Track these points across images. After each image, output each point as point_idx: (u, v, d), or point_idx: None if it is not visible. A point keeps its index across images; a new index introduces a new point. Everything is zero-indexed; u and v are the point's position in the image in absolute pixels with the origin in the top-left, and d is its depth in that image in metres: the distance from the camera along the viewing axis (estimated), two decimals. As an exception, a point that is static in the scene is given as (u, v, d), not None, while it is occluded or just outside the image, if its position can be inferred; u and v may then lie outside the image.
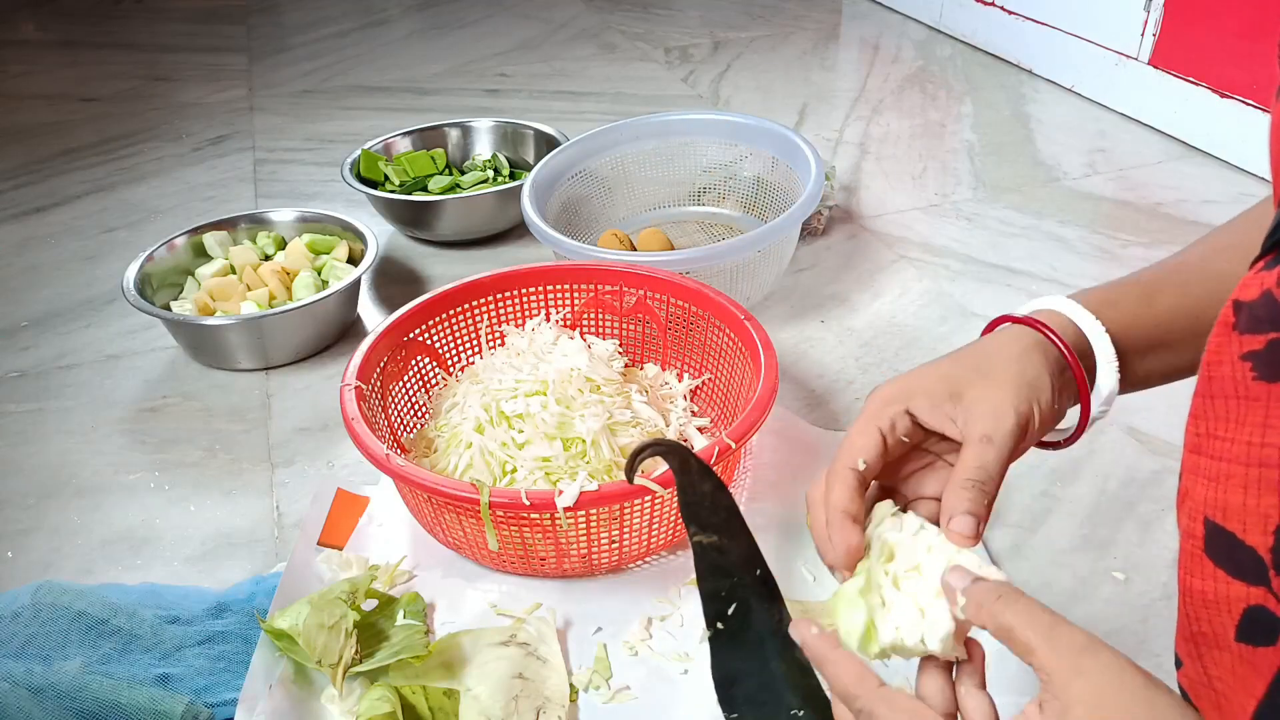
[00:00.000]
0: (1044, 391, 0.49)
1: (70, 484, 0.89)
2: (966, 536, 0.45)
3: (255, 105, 1.72)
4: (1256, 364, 0.34)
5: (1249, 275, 0.35)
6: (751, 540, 0.47)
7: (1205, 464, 0.37)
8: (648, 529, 0.73)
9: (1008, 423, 0.47)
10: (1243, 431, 0.35)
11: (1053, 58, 1.64)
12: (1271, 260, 0.34)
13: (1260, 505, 0.34)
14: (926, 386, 0.49)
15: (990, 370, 0.49)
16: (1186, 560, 0.38)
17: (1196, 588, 0.38)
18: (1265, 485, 0.34)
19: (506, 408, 0.79)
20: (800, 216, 1.00)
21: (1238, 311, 0.35)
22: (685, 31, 2.00)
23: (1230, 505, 0.36)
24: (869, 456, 0.48)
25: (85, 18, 2.23)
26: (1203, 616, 0.38)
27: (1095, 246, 1.19)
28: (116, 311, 1.14)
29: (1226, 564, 0.36)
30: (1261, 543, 0.34)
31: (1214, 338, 0.36)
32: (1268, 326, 0.34)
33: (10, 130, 1.65)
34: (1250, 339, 0.34)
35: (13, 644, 0.66)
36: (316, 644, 0.65)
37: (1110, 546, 0.78)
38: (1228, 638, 0.36)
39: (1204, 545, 0.37)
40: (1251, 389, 0.34)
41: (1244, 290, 0.35)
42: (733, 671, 0.47)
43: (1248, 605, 0.35)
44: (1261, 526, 0.34)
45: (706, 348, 0.89)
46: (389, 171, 1.29)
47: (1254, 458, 0.34)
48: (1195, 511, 0.38)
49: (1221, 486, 0.36)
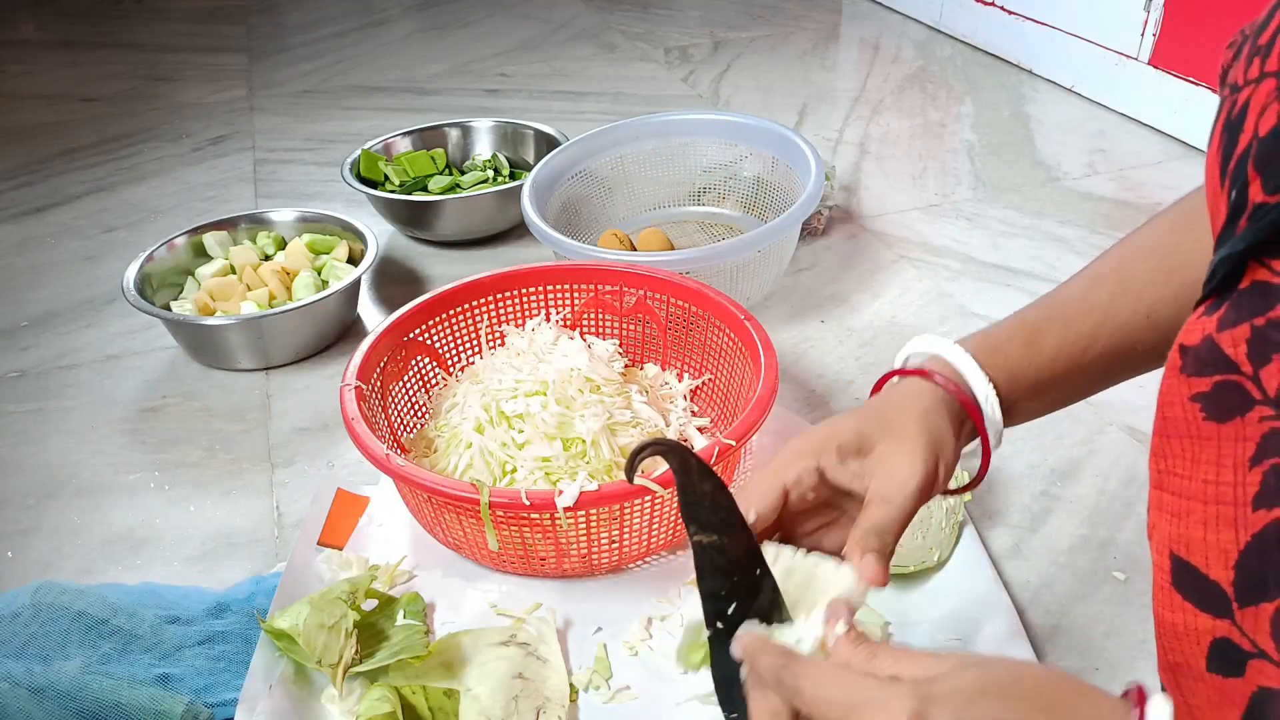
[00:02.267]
0: (948, 448, 0.51)
1: (70, 484, 0.89)
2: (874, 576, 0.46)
3: (255, 105, 1.72)
4: (1205, 405, 0.35)
5: (1191, 320, 0.36)
6: (752, 540, 0.47)
7: (1168, 500, 0.38)
8: (648, 529, 0.73)
9: (911, 484, 0.49)
10: (1199, 470, 0.36)
11: (1053, 58, 1.64)
12: (1210, 305, 0.35)
13: (1220, 540, 0.35)
14: (837, 441, 0.51)
15: (897, 427, 0.51)
16: (1158, 592, 0.39)
17: (1168, 619, 0.39)
18: (1223, 521, 0.35)
19: (506, 408, 0.79)
20: (800, 216, 1.00)
21: (1183, 355, 0.36)
22: (685, 31, 2.00)
23: (1193, 540, 0.36)
24: (762, 509, 0.49)
25: (85, 18, 2.23)
26: (1175, 648, 0.38)
27: (1095, 246, 1.19)
28: (116, 311, 1.14)
29: (1193, 597, 0.37)
30: (1224, 576, 0.35)
31: (1165, 379, 0.37)
32: (1212, 370, 0.35)
33: (10, 130, 1.65)
34: (1197, 381, 0.35)
35: (13, 644, 0.66)
36: (316, 644, 0.65)
37: (1110, 546, 0.78)
38: (1200, 668, 0.37)
39: (1171, 578, 0.38)
40: (1203, 429, 0.35)
41: (1187, 335, 0.36)
42: (733, 671, 0.47)
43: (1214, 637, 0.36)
44: (1222, 561, 0.35)
45: (706, 348, 0.89)
46: (389, 171, 1.29)
47: (1211, 495, 0.35)
48: (1162, 545, 0.38)
49: (1184, 522, 0.37)
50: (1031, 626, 0.71)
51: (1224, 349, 0.34)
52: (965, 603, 0.71)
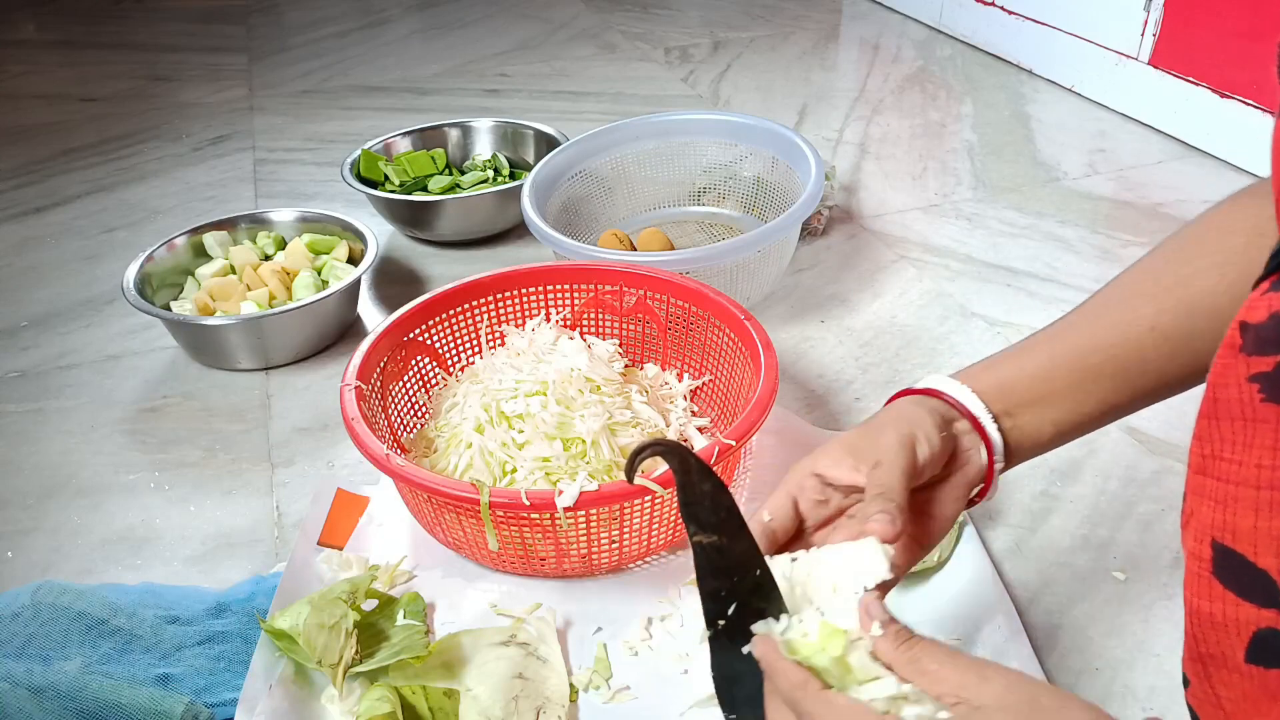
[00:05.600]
0: (923, 424, 0.52)
1: (70, 484, 0.89)
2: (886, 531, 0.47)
3: (255, 105, 1.72)
4: (1265, 385, 0.34)
5: (1254, 296, 0.35)
6: (751, 540, 0.47)
7: (1212, 486, 0.37)
8: (648, 529, 0.73)
9: (891, 445, 0.50)
10: (1251, 454, 0.35)
11: (1053, 58, 1.64)
12: (1277, 281, 0.34)
13: (1272, 528, 0.34)
14: (830, 451, 0.53)
15: (878, 426, 0.53)
16: (1193, 582, 0.38)
17: (1204, 609, 0.37)
18: (1277, 508, 0.34)
19: (506, 408, 0.79)
20: (800, 216, 1.00)
21: (1244, 333, 0.35)
22: (685, 31, 2.00)
23: (1240, 528, 0.35)
24: (775, 512, 0.52)
25: (85, 18, 2.23)
26: (1210, 638, 0.37)
27: (1095, 246, 1.19)
28: (116, 311, 1.14)
29: (1236, 586, 0.36)
30: (1274, 565, 0.34)
31: (1219, 360, 0.36)
32: (1275, 348, 0.33)
33: (10, 130, 1.65)
34: (1258, 360, 0.34)
35: (13, 644, 0.66)
36: (316, 644, 0.65)
37: (1110, 546, 0.78)
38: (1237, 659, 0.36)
39: (1212, 567, 0.37)
40: (1260, 411, 0.34)
41: (1250, 312, 0.34)
42: (733, 671, 0.47)
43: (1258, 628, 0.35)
44: (1273, 549, 0.34)
45: (706, 348, 0.89)
46: (389, 171, 1.29)
47: (1264, 480, 0.34)
48: (1202, 533, 0.37)
49: (1230, 509, 0.36)
50: (1031, 626, 0.71)
51: None
52: (965, 603, 0.71)
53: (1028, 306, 1.09)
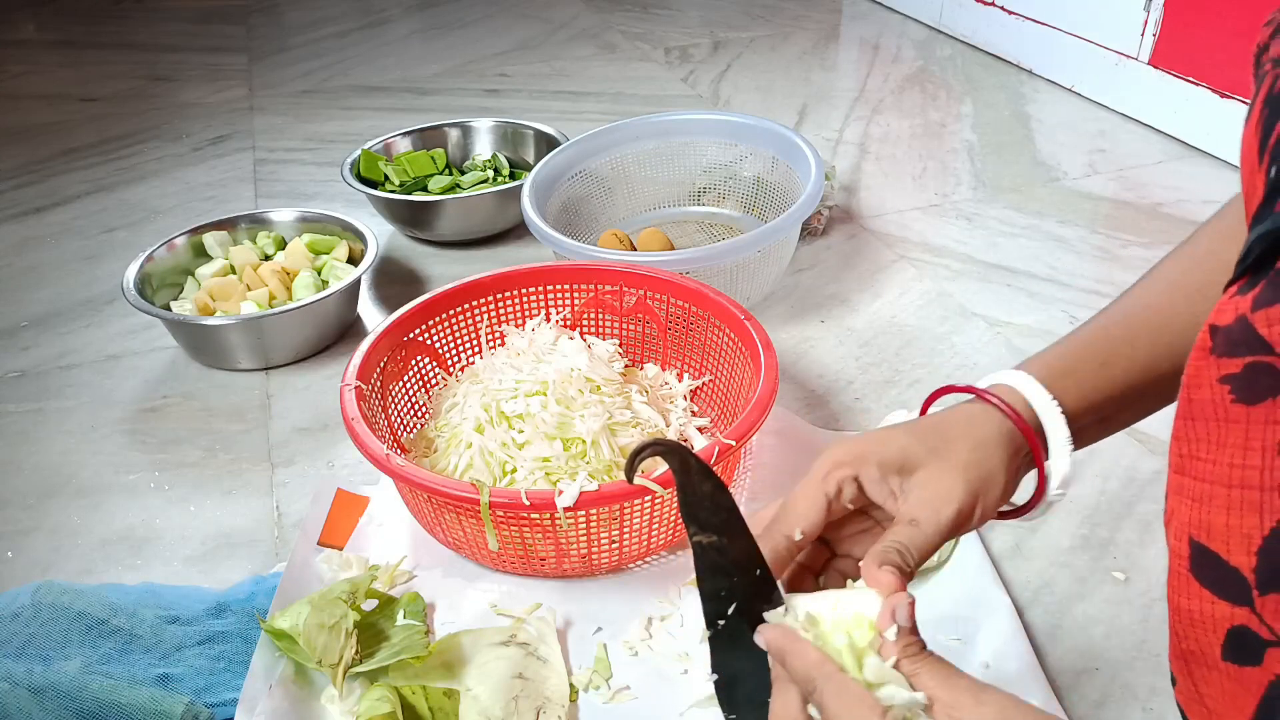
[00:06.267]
0: (995, 486, 0.47)
1: (70, 484, 0.89)
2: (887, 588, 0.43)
3: (255, 105, 1.72)
4: (1235, 387, 0.34)
5: (1223, 299, 0.35)
6: (751, 540, 0.47)
7: (1189, 484, 0.37)
8: (648, 529, 0.73)
9: (945, 514, 0.46)
10: (1223, 453, 0.35)
11: (1053, 58, 1.64)
12: (1244, 285, 0.35)
13: (1243, 525, 0.35)
14: (880, 456, 0.48)
15: (947, 453, 0.48)
16: (1174, 579, 0.39)
17: (1184, 606, 0.38)
18: (1247, 506, 0.35)
19: (506, 408, 0.79)
20: (800, 216, 1.00)
21: (1214, 335, 0.35)
22: (685, 31, 2.00)
23: (1214, 525, 0.36)
24: (807, 526, 0.47)
25: (85, 18, 2.23)
26: (1190, 635, 0.38)
27: (1095, 246, 1.19)
28: (116, 311, 1.14)
29: (1211, 584, 0.36)
30: (1245, 563, 0.35)
31: (1192, 361, 0.36)
32: (1244, 350, 0.34)
33: (10, 130, 1.65)
34: (1227, 363, 0.35)
35: (13, 644, 0.66)
36: (316, 644, 0.65)
37: (1110, 546, 0.78)
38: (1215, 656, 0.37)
39: (1189, 565, 0.37)
40: (1231, 411, 0.35)
41: (1219, 315, 0.35)
42: (733, 671, 0.47)
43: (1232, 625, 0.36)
44: (1244, 547, 0.35)
45: (706, 348, 0.89)
46: (389, 171, 1.29)
47: (1235, 479, 0.35)
48: (1180, 531, 0.38)
49: (1205, 507, 0.36)
50: (1031, 626, 0.71)
51: (1258, 329, 0.33)
52: (965, 603, 0.71)
53: (1028, 306, 1.09)
